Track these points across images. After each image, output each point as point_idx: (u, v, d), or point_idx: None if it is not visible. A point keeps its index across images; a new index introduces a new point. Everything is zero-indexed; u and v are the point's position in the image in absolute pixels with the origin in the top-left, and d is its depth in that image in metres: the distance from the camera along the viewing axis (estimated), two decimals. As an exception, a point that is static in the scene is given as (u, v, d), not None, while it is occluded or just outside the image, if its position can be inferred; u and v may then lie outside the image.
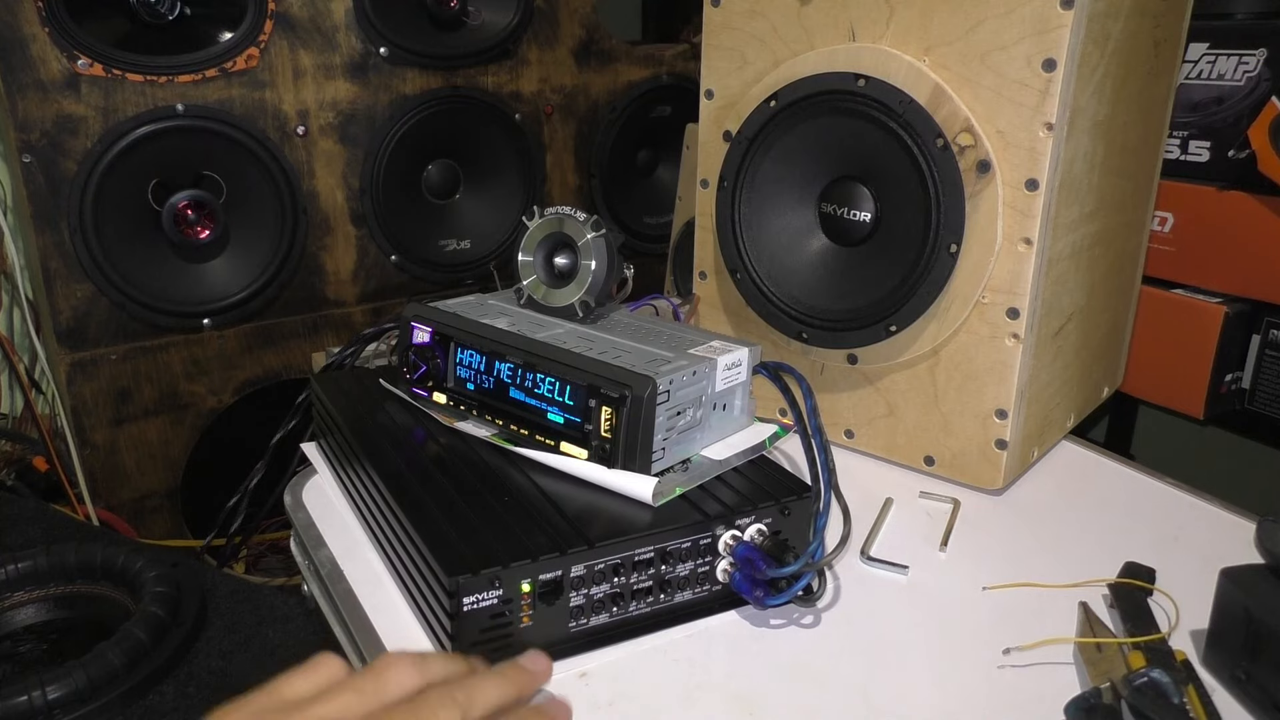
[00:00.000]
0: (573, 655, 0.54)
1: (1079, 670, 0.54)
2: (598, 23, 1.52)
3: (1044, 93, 0.64)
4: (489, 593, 0.50)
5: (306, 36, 1.29)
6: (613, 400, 0.58)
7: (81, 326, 1.22)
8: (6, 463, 1.37)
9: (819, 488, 0.58)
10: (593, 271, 0.68)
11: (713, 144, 0.81)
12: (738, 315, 0.83)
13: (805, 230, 0.77)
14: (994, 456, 0.72)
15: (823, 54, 0.73)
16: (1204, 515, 0.72)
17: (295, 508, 0.71)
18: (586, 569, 0.53)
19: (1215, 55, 0.99)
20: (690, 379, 0.60)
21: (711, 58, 0.81)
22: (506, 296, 0.74)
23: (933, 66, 0.68)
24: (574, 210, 0.69)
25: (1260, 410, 1.03)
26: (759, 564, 0.55)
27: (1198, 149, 1.01)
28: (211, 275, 1.29)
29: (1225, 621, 0.53)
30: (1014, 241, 0.67)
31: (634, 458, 0.58)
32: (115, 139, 1.18)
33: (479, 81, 1.43)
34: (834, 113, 0.72)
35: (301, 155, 1.32)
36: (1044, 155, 0.65)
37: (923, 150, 0.68)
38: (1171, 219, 1.03)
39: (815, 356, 0.78)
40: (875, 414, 0.77)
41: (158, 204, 1.23)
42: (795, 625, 0.58)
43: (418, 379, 0.68)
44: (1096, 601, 0.59)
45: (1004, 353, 0.70)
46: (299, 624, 0.86)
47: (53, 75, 1.14)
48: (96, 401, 1.26)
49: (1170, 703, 0.47)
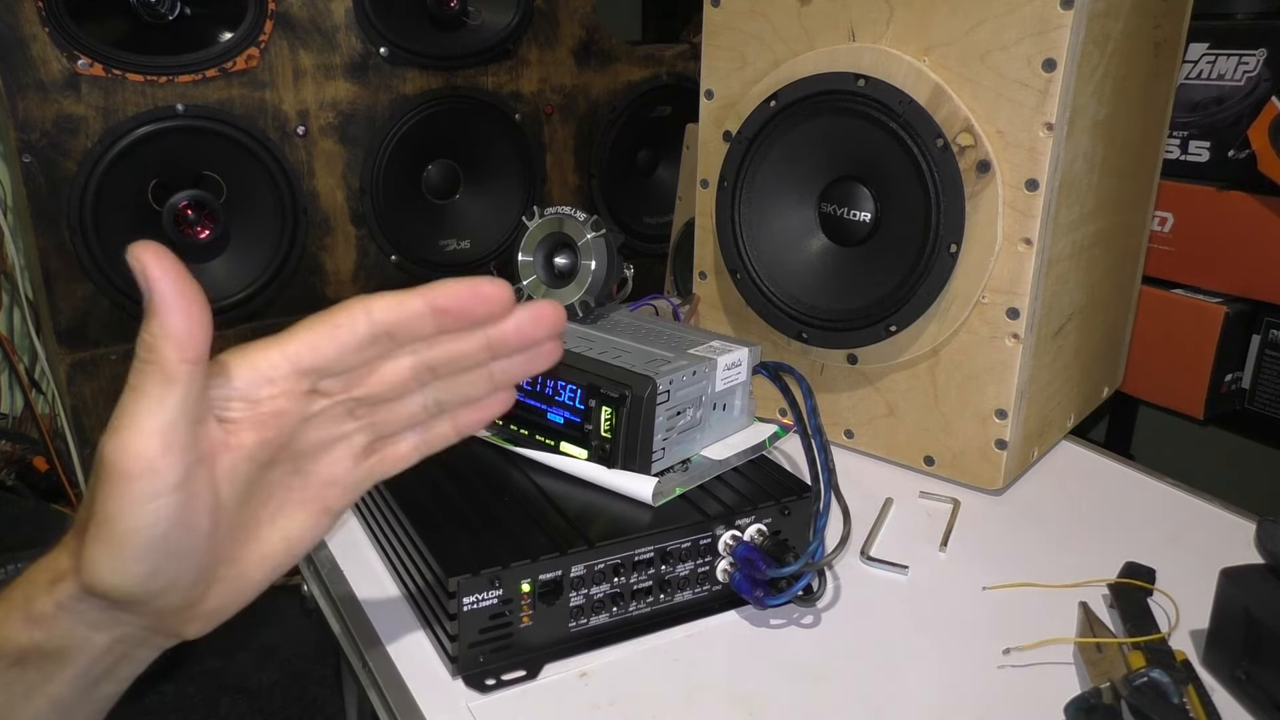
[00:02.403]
0: (573, 655, 0.54)
1: (1079, 670, 0.54)
2: (598, 23, 1.52)
3: (1044, 93, 0.64)
4: (489, 593, 0.50)
5: (306, 36, 1.29)
6: (613, 400, 0.58)
7: (81, 326, 1.22)
8: (6, 463, 1.37)
9: (819, 488, 0.58)
10: (593, 271, 0.68)
11: (713, 144, 0.81)
12: (738, 315, 0.83)
13: (805, 230, 0.77)
14: (994, 456, 0.72)
15: (823, 54, 0.73)
16: (1204, 515, 0.72)
17: (295, 508, 0.71)
18: (586, 569, 0.53)
19: (1215, 55, 0.99)
20: (690, 379, 0.60)
21: (711, 58, 0.81)
22: (506, 296, 0.74)
23: (933, 66, 0.68)
24: (574, 210, 0.69)
25: (1260, 410, 1.03)
26: (759, 564, 0.55)
27: (1198, 149, 1.01)
28: (211, 275, 1.29)
29: (1225, 621, 0.53)
30: (1014, 241, 0.67)
31: (634, 458, 0.58)
32: (115, 139, 1.18)
33: (479, 81, 1.43)
34: (834, 113, 0.72)
35: (301, 155, 1.32)
36: (1044, 155, 0.65)
37: (923, 150, 0.68)
38: (1171, 219, 1.03)
39: (815, 356, 0.78)
40: (875, 414, 0.77)
41: (158, 204, 1.23)
42: (795, 625, 0.58)
43: (418, 379, 0.68)
44: (1096, 601, 0.59)
45: (1004, 353, 0.70)
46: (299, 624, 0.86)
47: (53, 75, 1.14)
48: (96, 401, 1.26)
49: (1170, 703, 0.47)
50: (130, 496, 0.35)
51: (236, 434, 0.38)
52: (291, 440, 0.40)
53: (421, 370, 0.42)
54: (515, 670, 0.52)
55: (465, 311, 0.41)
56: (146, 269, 0.34)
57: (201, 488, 0.37)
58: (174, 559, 0.37)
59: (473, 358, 0.43)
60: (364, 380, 0.41)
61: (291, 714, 1.15)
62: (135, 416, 0.35)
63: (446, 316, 0.41)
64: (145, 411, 0.35)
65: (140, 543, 0.35)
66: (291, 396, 0.39)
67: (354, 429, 0.42)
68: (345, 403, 0.41)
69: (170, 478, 0.35)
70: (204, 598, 0.40)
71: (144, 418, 0.35)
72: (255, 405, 0.39)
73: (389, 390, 0.42)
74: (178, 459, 0.35)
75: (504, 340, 0.42)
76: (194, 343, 0.35)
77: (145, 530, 0.35)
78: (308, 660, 1.24)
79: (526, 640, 0.53)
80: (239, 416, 0.38)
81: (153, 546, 0.36)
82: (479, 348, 0.42)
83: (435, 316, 0.41)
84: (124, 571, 0.36)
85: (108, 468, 0.35)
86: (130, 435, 0.35)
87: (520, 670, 0.52)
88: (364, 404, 0.42)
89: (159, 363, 0.35)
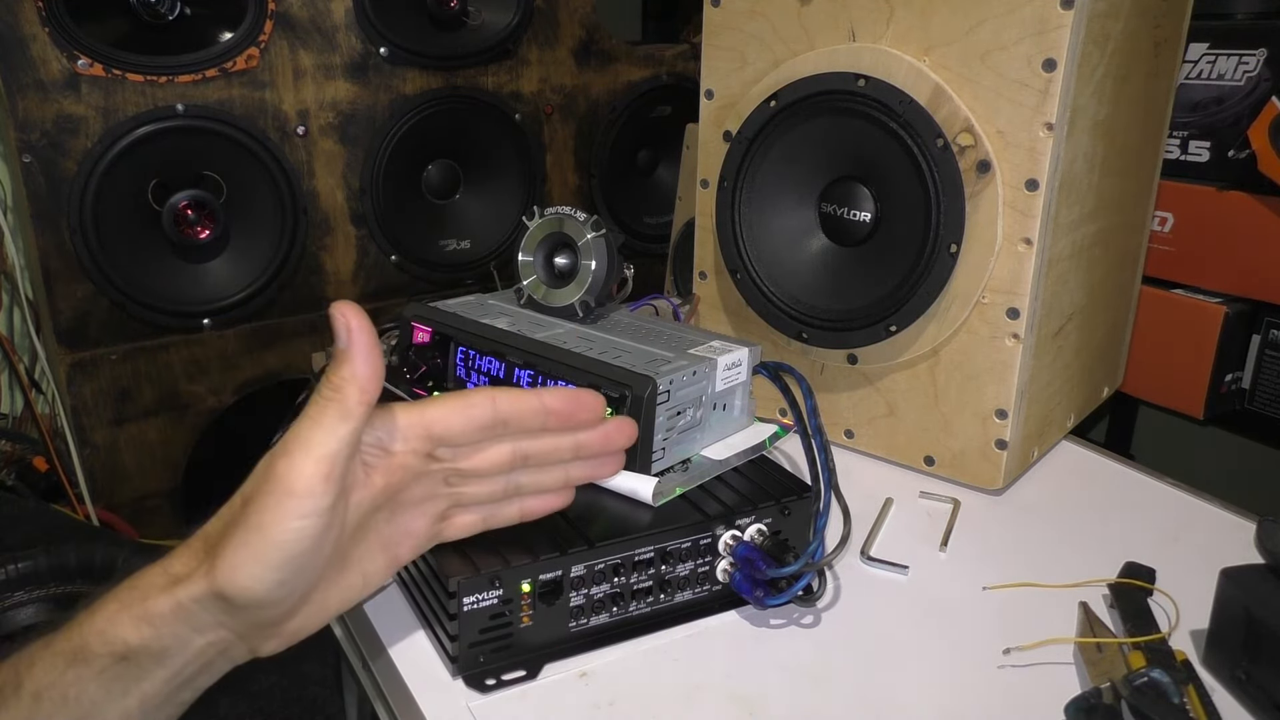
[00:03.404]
0: (573, 655, 0.54)
1: (1079, 670, 0.54)
2: (598, 23, 1.52)
3: (1044, 93, 0.64)
4: (489, 593, 0.50)
5: (306, 36, 1.29)
6: (613, 400, 0.58)
7: (81, 326, 1.22)
8: (6, 463, 1.37)
9: (819, 488, 0.58)
10: (593, 271, 0.68)
11: (713, 144, 0.81)
12: (738, 315, 0.83)
13: (805, 230, 0.77)
14: (994, 456, 0.72)
15: (823, 54, 0.73)
16: (1204, 515, 0.72)
17: (295, 508, 0.71)
18: (586, 569, 0.53)
19: (1215, 55, 0.99)
20: (690, 379, 0.60)
21: (711, 58, 0.81)
22: (506, 296, 0.74)
23: (933, 66, 0.68)
24: (574, 210, 0.69)
25: (1260, 410, 1.03)
26: (759, 564, 0.55)
27: (1198, 149, 1.01)
28: (211, 275, 1.29)
29: (1225, 621, 0.53)
30: (1014, 241, 0.67)
31: (634, 458, 0.58)
32: (115, 139, 1.18)
33: (479, 81, 1.43)
34: (834, 113, 0.72)
35: (301, 155, 1.32)
36: (1044, 155, 0.65)
37: (923, 150, 0.68)
38: (1171, 219, 1.03)
39: (815, 356, 0.78)
40: (875, 414, 0.77)
41: (158, 204, 1.23)
42: (795, 625, 0.58)
43: (418, 379, 0.68)
44: (1096, 601, 0.59)
45: (1004, 353, 0.70)
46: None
47: (53, 75, 1.14)
48: (96, 401, 1.26)
49: (1170, 703, 0.47)
50: (288, 511, 0.40)
51: (371, 476, 0.45)
52: (401, 490, 0.47)
53: (517, 457, 0.50)
54: (515, 670, 0.52)
55: (570, 416, 0.50)
56: (349, 323, 0.42)
57: (339, 517, 0.43)
58: (301, 575, 0.42)
59: (559, 455, 0.51)
60: (471, 456, 0.49)
61: (291, 714, 1.15)
62: (309, 443, 0.41)
63: (554, 418, 0.50)
64: (319, 441, 0.41)
65: (283, 555, 0.40)
66: (417, 455, 0.46)
67: (444, 493, 0.49)
68: (448, 470, 0.48)
69: (324, 501, 0.41)
70: (293, 617, 0.44)
71: (317, 445, 0.40)
72: (390, 456, 0.45)
73: (487, 469, 0.49)
74: (334, 486, 0.41)
75: (590, 445, 0.52)
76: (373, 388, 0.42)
77: (291, 544, 0.40)
78: (308, 660, 1.24)
79: (526, 640, 0.53)
80: (376, 462, 0.45)
81: (291, 560, 0.41)
82: (569, 447, 0.51)
83: (546, 415, 0.50)
84: (260, 578, 0.40)
85: (274, 482, 0.40)
86: (302, 458, 0.40)
87: (520, 670, 0.52)
88: (461, 475, 0.49)
89: (341, 401, 0.41)
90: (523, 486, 0.51)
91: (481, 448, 0.49)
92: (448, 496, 0.49)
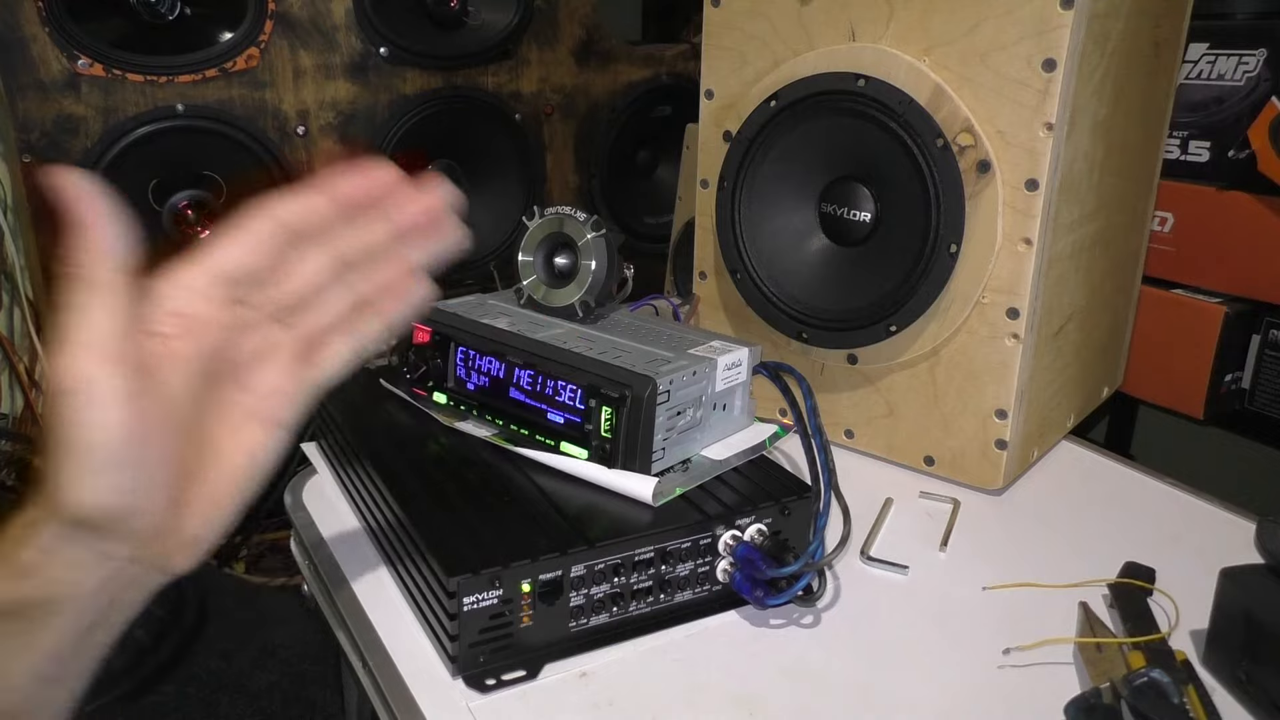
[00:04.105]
0: (573, 655, 0.54)
1: (1079, 670, 0.54)
2: (598, 23, 1.52)
3: (1044, 93, 0.64)
4: (489, 593, 0.50)
5: (306, 36, 1.29)
6: (613, 400, 0.58)
7: (81, 326, 1.22)
8: (6, 463, 1.37)
9: (819, 488, 0.58)
10: (593, 271, 0.68)
11: (713, 144, 0.81)
12: (738, 315, 0.83)
13: (805, 230, 0.77)
14: (994, 456, 0.72)
15: (823, 54, 0.73)
16: (1204, 515, 0.72)
17: (295, 508, 0.71)
18: (586, 569, 0.53)
19: (1215, 55, 0.99)
20: (690, 379, 0.60)
21: (711, 58, 0.81)
22: (506, 296, 0.74)
23: (933, 66, 0.68)
24: (574, 210, 0.69)
25: (1260, 410, 1.03)
26: (759, 564, 0.55)
27: (1198, 149, 1.01)
28: (211, 275, 1.29)
29: (1225, 621, 0.53)
30: (1014, 241, 0.67)
31: (634, 458, 0.58)
32: (115, 139, 1.18)
33: (479, 81, 1.43)
34: (834, 113, 0.72)
35: (301, 155, 1.32)
36: (1044, 155, 0.65)
37: (923, 150, 0.68)
38: (1171, 219, 1.03)
39: (815, 356, 0.78)
40: (875, 414, 0.77)
41: (158, 204, 1.23)
42: (795, 625, 0.58)
43: (418, 379, 0.68)
44: (1096, 601, 0.59)
45: (1004, 353, 0.70)
46: (299, 624, 0.86)
47: (53, 75, 1.14)
48: (96, 401, 1.25)
49: (1170, 703, 0.47)
50: (79, 410, 0.37)
51: (172, 345, 0.41)
52: (227, 350, 0.42)
53: (335, 264, 0.44)
54: (515, 670, 0.52)
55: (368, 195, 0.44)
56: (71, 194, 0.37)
57: (149, 400, 0.39)
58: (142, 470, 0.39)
59: (381, 243, 0.45)
60: (283, 283, 0.44)
61: (291, 714, 1.15)
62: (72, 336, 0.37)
63: (352, 207, 0.44)
64: (81, 327, 0.37)
65: (102, 455, 0.37)
66: (216, 304, 0.42)
67: (285, 337, 0.44)
68: (270, 310, 0.44)
69: (110, 385, 0.37)
70: (181, 523, 0.41)
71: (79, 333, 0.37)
72: (184, 316, 0.41)
73: (308, 289, 0.44)
74: (115, 368, 0.37)
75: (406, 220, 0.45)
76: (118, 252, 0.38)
77: (101, 442, 0.37)
78: (308, 660, 1.24)
79: (526, 640, 0.53)
80: (171, 329, 0.41)
81: (113, 457, 0.37)
82: (386, 232, 0.45)
83: (341, 208, 0.44)
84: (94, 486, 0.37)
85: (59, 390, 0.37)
86: (70, 353, 0.37)
87: (520, 670, 0.52)
88: (289, 310, 0.44)
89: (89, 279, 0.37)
90: (365, 295, 0.46)
91: (290, 270, 0.44)
92: (292, 338, 0.44)
